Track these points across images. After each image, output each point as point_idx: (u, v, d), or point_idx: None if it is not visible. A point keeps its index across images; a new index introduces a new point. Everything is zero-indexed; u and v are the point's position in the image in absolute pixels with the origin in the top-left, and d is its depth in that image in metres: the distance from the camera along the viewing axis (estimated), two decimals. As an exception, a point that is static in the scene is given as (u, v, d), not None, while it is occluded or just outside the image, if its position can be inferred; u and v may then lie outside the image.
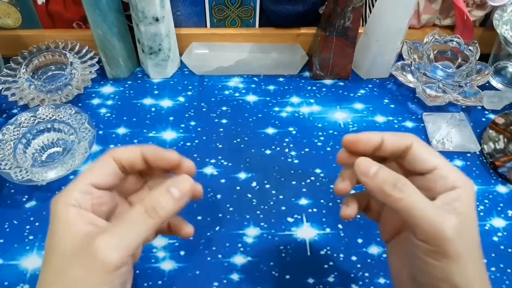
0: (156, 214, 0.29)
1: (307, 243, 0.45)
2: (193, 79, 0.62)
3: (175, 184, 0.30)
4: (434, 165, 0.31)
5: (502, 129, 0.55)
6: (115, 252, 0.27)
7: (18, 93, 0.54)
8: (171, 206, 0.29)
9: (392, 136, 0.32)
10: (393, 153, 0.32)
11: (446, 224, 0.27)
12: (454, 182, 0.30)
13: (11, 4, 0.58)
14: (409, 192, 0.29)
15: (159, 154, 0.32)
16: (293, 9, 0.59)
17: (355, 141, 0.32)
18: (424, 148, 0.31)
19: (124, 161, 0.32)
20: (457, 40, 0.58)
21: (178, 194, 0.30)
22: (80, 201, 0.30)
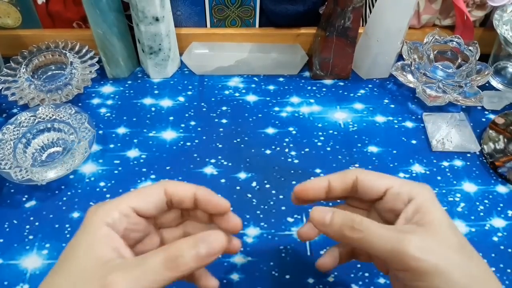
0: (176, 267, 0.27)
1: (307, 243, 0.45)
2: (193, 79, 0.62)
3: (205, 240, 0.28)
4: (384, 187, 0.32)
5: (502, 129, 0.55)
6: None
7: (18, 92, 0.54)
8: (194, 263, 0.27)
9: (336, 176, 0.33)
10: (343, 191, 0.33)
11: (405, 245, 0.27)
12: (409, 194, 0.30)
13: (11, 4, 0.58)
14: (366, 227, 0.29)
15: (211, 199, 0.31)
16: (293, 9, 0.59)
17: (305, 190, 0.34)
18: (369, 176, 0.32)
19: (174, 196, 0.31)
20: (457, 40, 0.58)
21: (204, 252, 0.27)
22: (116, 221, 0.29)
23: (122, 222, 0.29)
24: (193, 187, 0.31)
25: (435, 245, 0.28)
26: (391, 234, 0.28)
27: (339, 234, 0.30)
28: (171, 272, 0.27)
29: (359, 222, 0.29)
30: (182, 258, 0.27)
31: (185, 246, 0.28)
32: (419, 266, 0.27)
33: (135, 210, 0.30)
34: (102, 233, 0.28)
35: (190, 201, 0.31)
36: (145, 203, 0.30)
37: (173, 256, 0.27)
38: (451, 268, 0.27)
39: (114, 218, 0.29)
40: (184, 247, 0.27)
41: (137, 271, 0.27)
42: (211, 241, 0.28)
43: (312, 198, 0.34)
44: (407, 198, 0.31)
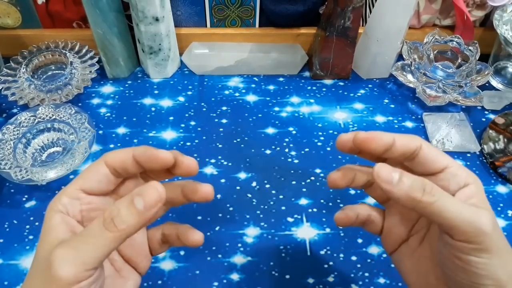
0: (114, 227, 0.26)
1: (307, 243, 0.45)
2: (193, 79, 0.62)
3: (141, 193, 0.26)
4: (445, 164, 0.30)
5: (502, 129, 0.55)
6: (69, 266, 0.25)
7: (18, 92, 0.54)
8: (134, 219, 0.26)
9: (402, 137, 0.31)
10: (402, 155, 0.31)
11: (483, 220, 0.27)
12: (466, 179, 0.30)
13: (11, 4, 0.58)
14: (439, 194, 0.28)
15: (150, 155, 0.29)
16: (293, 9, 0.59)
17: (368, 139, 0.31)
18: (433, 149, 0.31)
19: (116, 165, 0.30)
20: (457, 40, 0.58)
21: (142, 205, 0.26)
22: (68, 207, 0.29)
23: (75, 205, 0.29)
24: (130, 150, 0.30)
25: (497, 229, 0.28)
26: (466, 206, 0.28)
27: (408, 196, 0.28)
28: (110, 233, 0.26)
29: (431, 187, 0.28)
30: (119, 216, 0.26)
31: (121, 204, 0.26)
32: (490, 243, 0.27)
33: (84, 191, 0.29)
34: (56, 221, 0.28)
35: (133, 165, 0.30)
36: (89, 181, 0.30)
37: (110, 217, 0.26)
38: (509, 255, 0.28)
39: (65, 204, 0.28)
40: (120, 206, 0.26)
41: (77, 241, 0.26)
42: (147, 193, 0.26)
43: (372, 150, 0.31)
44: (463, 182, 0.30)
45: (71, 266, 0.25)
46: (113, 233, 0.26)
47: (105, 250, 0.26)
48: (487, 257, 0.28)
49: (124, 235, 0.26)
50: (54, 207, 0.28)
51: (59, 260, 0.25)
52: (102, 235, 0.26)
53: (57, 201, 0.29)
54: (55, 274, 0.25)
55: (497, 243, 0.27)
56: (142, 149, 0.30)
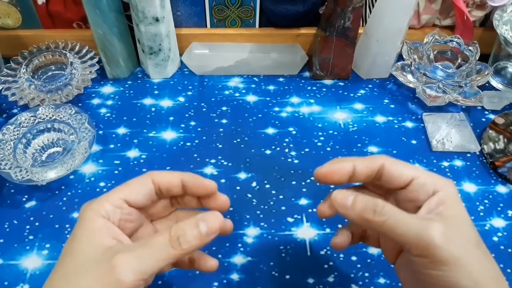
0: (179, 246, 0.28)
1: (307, 243, 0.45)
2: (193, 79, 0.62)
3: (205, 219, 0.30)
4: (411, 176, 0.31)
5: (502, 129, 0.55)
6: (131, 273, 0.27)
7: (18, 93, 0.54)
8: (197, 241, 0.29)
9: (362, 161, 0.33)
10: (368, 177, 0.33)
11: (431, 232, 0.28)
12: (434, 187, 0.30)
13: (11, 4, 0.58)
14: (390, 213, 0.29)
15: (198, 181, 0.33)
16: (293, 9, 0.59)
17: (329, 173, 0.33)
18: (397, 164, 0.32)
19: (162, 184, 0.32)
20: (457, 40, 0.58)
21: (205, 230, 0.29)
22: (110, 213, 0.30)
23: (116, 213, 0.30)
24: (179, 173, 0.33)
25: (457, 238, 0.28)
26: (415, 220, 0.29)
27: (361, 217, 0.30)
28: (174, 250, 0.28)
29: (382, 206, 0.29)
30: (185, 236, 0.29)
31: (187, 226, 0.29)
32: (442, 256, 0.27)
33: (126, 201, 0.31)
34: (99, 225, 0.29)
35: (178, 187, 0.33)
36: (135, 193, 0.31)
37: (176, 236, 0.28)
38: (472, 263, 0.28)
39: (107, 210, 0.30)
40: (186, 228, 0.29)
41: (141, 251, 0.28)
42: (210, 219, 0.30)
43: (335, 182, 0.33)
44: (431, 190, 0.30)
45: (134, 274, 0.27)
46: (176, 251, 0.28)
47: (163, 264, 0.28)
48: (445, 269, 0.28)
49: (184, 254, 0.29)
50: (97, 211, 0.30)
51: (124, 266, 0.27)
52: (166, 251, 0.28)
53: (100, 206, 0.30)
54: (118, 278, 0.27)
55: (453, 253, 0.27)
56: (191, 176, 0.33)
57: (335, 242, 0.35)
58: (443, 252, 0.27)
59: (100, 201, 0.30)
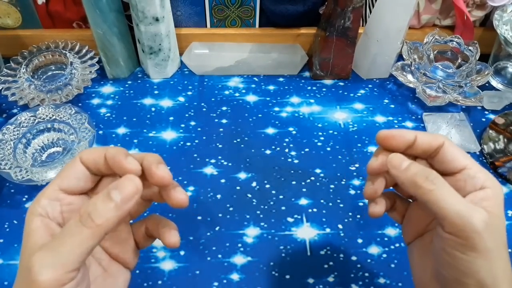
0: (91, 222, 0.25)
1: (307, 243, 0.45)
2: (193, 79, 0.62)
3: (117, 186, 0.26)
4: (464, 164, 0.31)
5: (502, 129, 0.55)
6: (48, 270, 0.24)
7: (18, 93, 0.54)
8: (111, 213, 0.25)
9: (425, 135, 0.32)
10: (424, 152, 0.33)
11: (475, 217, 0.27)
12: (484, 183, 0.30)
13: (11, 4, 0.58)
14: (440, 184, 0.29)
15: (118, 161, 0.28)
16: (293, 9, 0.59)
17: (389, 137, 0.33)
18: (455, 148, 0.32)
19: (89, 163, 0.29)
20: (457, 40, 0.58)
21: (119, 198, 0.25)
22: (48, 209, 0.28)
23: (55, 206, 0.28)
24: (103, 149, 0.29)
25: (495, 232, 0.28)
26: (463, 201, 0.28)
27: (410, 180, 0.30)
28: (88, 230, 0.25)
29: (435, 176, 0.29)
30: (97, 211, 0.25)
31: (98, 199, 0.26)
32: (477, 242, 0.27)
33: (63, 190, 0.29)
34: (34, 226, 0.27)
35: (105, 165, 0.29)
36: (67, 180, 0.29)
37: (86, 213, 0.25)
38: (498, 259, 0.28)
39: (44, 206, 0.27)
40: (97, 200, 0.26)
41: (55, 242, 0.25)
42: (124, 185, 0.26)
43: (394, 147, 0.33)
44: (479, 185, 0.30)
45: (51, 270, 0.24)
46: (91, 229, 0.25)
47: (84, 248, 0.25)
48: (472, 255, 0.28)
49: (102, 230, 0.25)
50: (33, 210, 0.27)
51: (38, 265, 0.24)
52: (79, 233, 0.25)
53: (36, 203, 0.28)
54: (35, 279, 0.24)
55: (487, 243, 0.27)
56: (113, 152, 0.28)
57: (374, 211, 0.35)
58: (480, 240, 0.27)
59: (36, 199, 0.28)
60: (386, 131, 0.33)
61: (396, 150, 0.33)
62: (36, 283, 0.24)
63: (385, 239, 0.45)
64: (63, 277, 0.24)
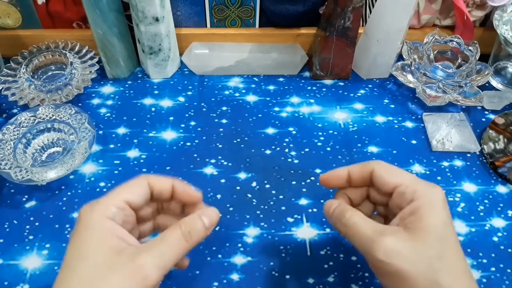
0: (190, 238, 0.31)
1: (307, 243, 0.45)
2: (193, 79, 0.62)
3: (205, 214, 0.33)
4: (394, 184, 0.33)
5: (502, 129, 0.55)
6: (156, 269, 0.29)
7: (18, 93, 0.54)
8: (202, 233, 0.32)
9: (355, 167, 0.36)
10: (363, 182, 0.36)
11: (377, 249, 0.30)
12: (413, 195, 0.32)
13: (11, 4, 0.58)
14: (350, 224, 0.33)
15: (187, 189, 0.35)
16: (293, 9, 0.59)
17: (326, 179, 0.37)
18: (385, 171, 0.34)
19: (156, 187, 0.34)
20: (457, 40, 0.58)
21: (208, 222, 0.33)
22: (115, 215, 0.31)
23: (120, 215, 0.32)
24: (171, 179, 0.35)
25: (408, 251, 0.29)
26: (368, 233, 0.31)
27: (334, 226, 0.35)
28: (188, 243, 0.31)
29: (348, 217, 0.33)
30: (194, 230, 0.32)
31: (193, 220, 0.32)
32: (382, 268, 0.30)
33: (127, 203, 0.32)
34: (107, 226, 0.30)
35: (169, 192, 0.35)
36: (136, 196, 0.33)
37: (187, 230, 0.32)
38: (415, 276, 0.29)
39: (113, 212, 0.31)
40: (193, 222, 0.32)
41: (161, 248, 0.30)
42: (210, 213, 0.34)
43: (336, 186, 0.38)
44: (409, 199, 0.32)
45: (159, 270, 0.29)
46: (188, 243, 0.31)
47: (180, 257, 0.31)
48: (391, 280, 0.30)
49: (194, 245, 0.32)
50: (103, 212, 0.31)
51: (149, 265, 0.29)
52: (181, 245, 0.31)
53: (106, 207, 0.31)
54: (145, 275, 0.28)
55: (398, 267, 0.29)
56: (181, 183, 0.35)
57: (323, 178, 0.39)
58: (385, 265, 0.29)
59: (105, 203, 0.31)
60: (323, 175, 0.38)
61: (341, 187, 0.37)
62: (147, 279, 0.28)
63: (385, 239, 0.45)
64: (162, 277, 0.30)
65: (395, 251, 0.29)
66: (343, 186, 0.37)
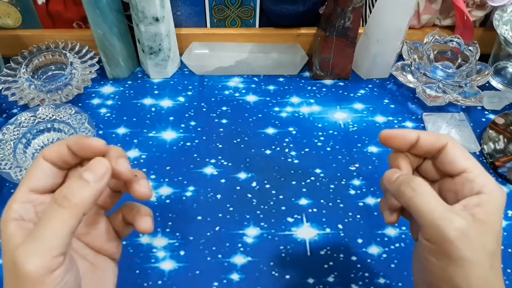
0: (68, 202, 0.26)
1: (307, 243, 0.45)
2: (193, 79, 0.62)
3: (88, 168, 0.27)
4: (464, 168, 0.31)
5: (502, 129, 0.55)
6: (36, 258, 0.24)
7: (18, 93, 0.54)
8: (86, 191, 0.26)
9: (428, 135, 0.32)
10: (427, 152, 0.33)
11: (449, 226, 0.27)
12: (481, 188, 0.30)
13: (11, 4, 0.58)
14: (421, 191, 0.29)
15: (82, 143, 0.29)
16: (293, 9, 0.59)
17: (391, 137, 0.33)
18: (458, 150, 0.31)
19: (54, 158, 0.29)
20: (457, 40, 0.58)
21: (91, 177, 0.27)
22: (22, 212, 0.27)
23: (28, 208, 0.28)
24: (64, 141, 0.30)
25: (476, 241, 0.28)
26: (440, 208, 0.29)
27: (397, 190, 0.31)
28: (66, 210, 0.25)
29: (417, 183, 0.30)
30: (72, 191, 0.26)
31: (71, 181, 0.27)
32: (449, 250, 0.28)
33: (33, 191, 0.29)
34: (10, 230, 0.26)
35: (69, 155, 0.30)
36: (35, 180, 0.29)
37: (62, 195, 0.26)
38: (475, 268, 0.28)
39: (16, 210, 0.27)
40: (71, 183, 0.27)
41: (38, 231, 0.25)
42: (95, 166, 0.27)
43: (396, 147, 0.33)
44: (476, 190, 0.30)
45: (37, 258, 0.24)
46: (69, 209, 0.25)
47: (66, 229, 0.25)
48: (445, 262, 0.28)
49: (80, 209, 0.26)
50: (6, 217, 0.27)
51: (23, 256, 0.24)
52: (58, 215, 0.25)
53: (8, 210, 0.27)
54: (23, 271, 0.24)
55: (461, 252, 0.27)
56: (75, 139, 0.30)
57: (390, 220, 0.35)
58: (453, 248, 0.27)
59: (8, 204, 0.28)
60: (388, 131, 0.33)
61: (399, 150, 0.33)
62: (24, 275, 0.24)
63: (385, 239, 0.45)
64: (50, 263, 0.24)
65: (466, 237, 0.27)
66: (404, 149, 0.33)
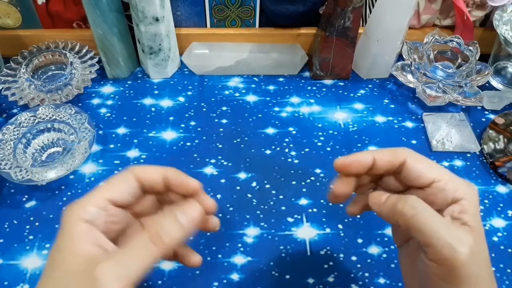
0: (161, 241, 0.27)
1: (307, 243, 0.45)
2: (193, 79, 0.62)
3: (183, 211, 0.28)
4: (431, 178, 0.30)
5: (502, 129, 0.55)
6: (115, 282, 0.25)
7: (18, 93, 0.54)
8: (178, 233, 0.28)
9: (383, 154, 0.31)
10: (387, 171, 0.32)
11: (461, 248, 0.26)
12: (454, 194, 0.29)
13: (11, 4, 0.58)
14: (421, 208, 0.28)
15: (180, 179, 0.31)
16: (293, 9, 0.59)
17: (347, 165, 0.32)
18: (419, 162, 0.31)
19: (145, 180, 0.31)
20: (457, 40, 0.58)
21: (185, 221, 0.28)
22: (94, 216, 0.28)
23: (101, 215, 0.28)
24: (162, 169, 0.31)
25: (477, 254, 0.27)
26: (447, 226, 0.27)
27: (392, 211, 0.29)
28: (157, 248, 0.27)
29: (415, 200, 0.28)
30: (165, 231, 0.27)
31: (165, 220, 0.28)
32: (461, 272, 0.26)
33: (111, 201, 0.29)
34: (80, 231, 0.27)
35: (160, 184, 0.31)
36: (119, 192, 0.30)
37: (156, 232, 0.27)
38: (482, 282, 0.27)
39: (92, 213, 0.28)
40: (165, 222, 0.28)
41: (123, 256, 0.26)
42: (189, 210, 0.29)
43: (353, 173, 0.32)
44: (451, 197, 0.29)
45: (119, 282, 0.25)
46: (158, 247, 0.27)
47: (149, 263, 0.26)
48: (455, 284, 0.27)
49: (168, 248, 0.27)
50: (79, 215, 0.28)
51: (106, 276, 0.25)
52: (149, 250, 0.26)
53: (82, 209, 0.28)
54: None
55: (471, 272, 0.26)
56: (174, 172, 0.31)
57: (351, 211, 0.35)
58: (464, 270, 0.26)
59: (82, 204, 0.28)
60: (342, 159, 0.32)
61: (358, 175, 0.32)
62: None
63: (385, 239, 0.45)
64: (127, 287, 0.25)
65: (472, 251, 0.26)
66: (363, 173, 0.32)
